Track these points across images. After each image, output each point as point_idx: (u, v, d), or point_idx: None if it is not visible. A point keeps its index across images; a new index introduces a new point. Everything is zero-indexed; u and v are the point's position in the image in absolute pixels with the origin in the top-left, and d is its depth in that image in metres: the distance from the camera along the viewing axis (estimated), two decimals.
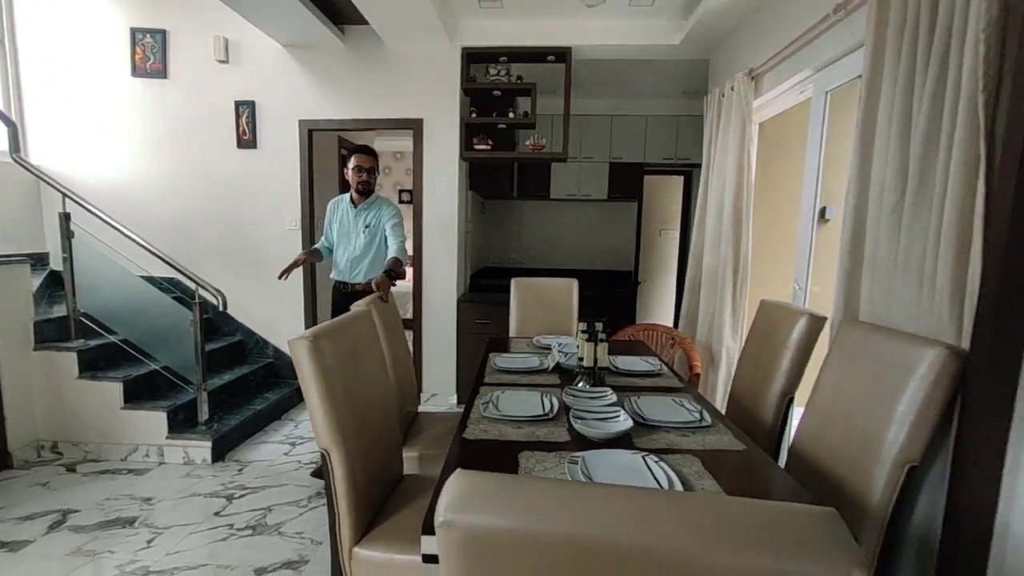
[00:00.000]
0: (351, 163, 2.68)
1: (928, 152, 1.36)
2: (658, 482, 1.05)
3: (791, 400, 1.88)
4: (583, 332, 1.70)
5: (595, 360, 1.62)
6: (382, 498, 1.54)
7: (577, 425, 1.31)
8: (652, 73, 4.35)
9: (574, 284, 3.05)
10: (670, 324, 6.77)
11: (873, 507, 1.32)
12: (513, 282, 3.07)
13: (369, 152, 2.73)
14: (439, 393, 3.72)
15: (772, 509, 0.48)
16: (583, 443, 1.29)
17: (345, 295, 2.71)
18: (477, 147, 3.57)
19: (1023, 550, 1.16)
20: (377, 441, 1.50)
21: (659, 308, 6.79)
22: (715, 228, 3.07)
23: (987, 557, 1.24)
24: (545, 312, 3.01)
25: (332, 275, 2.84)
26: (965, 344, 1.25)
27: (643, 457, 1.15)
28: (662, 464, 1.12)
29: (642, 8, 3.11)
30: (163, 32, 3.52)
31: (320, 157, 3.82)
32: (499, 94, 3.57)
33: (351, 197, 2.73)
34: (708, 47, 3.37)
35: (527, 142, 3.59)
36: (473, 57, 3.48)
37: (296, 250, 3.63)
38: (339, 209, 2.78)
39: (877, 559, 1.32)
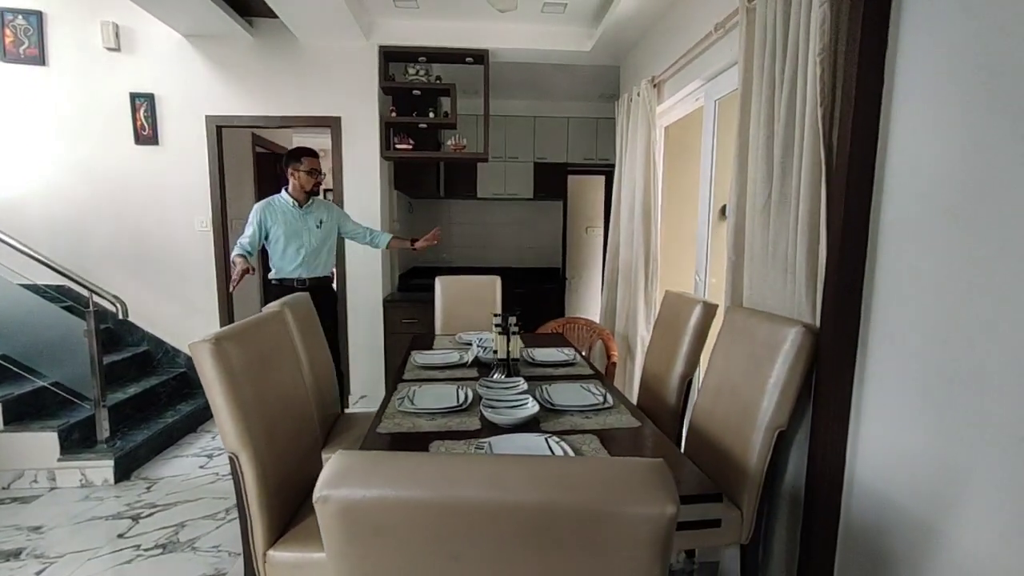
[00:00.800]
0: (304, 165, 2.76)
1: (786, 157, 1.56)
2: None
3: (690, 382, 2.07)
4: (497, 326, 1.77)
5: (507, 352, 1.70)
6: (298, 500, 1.53)
7: (487, 413, 1.38)
8: (570, 77, 4.53)
9: (497, 281, 3.13)
10: (597, 318, 7.12)
11: (752, 468, 1.50)
12: (437, 280, 3.10)
13: (316, 155, 2.84)
14: (368, 395, 3.67)
15: (608, 463, 0.57)
16: (494, 430, 1.36)
17: (302, 290, 2.61)
18: (398, 146, 3.56)
19: (866, 493, 1.38)
20: (291, 443, 1.49)
21: (587, 302, 7.07)
22: (628, 226, 3.28)
23: (839, 502, 1.45)
24: (469, 309, 3.07)
25: (274, 275, 2.83)
26: (819, 323, 1.46)
27: (546, 439, 1.24)
28: (562, 444, 1.22)
29: (555, 15, 3.25)
30: (38, 14, 3.18)
31: (232, 155, 3.63)
32: (419, 94, 3.57)
33: (291, 198, 2.80)
34: (617, 54, 3.57)
35: (448, 142, 3.62)
36: (391, 56, 3.46)
37: (208, 251, 3.45)
38: (278, 210, 2.79)
39: (756, 512, 1.51)
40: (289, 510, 1.46)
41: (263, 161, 4.35)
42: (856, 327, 1.39)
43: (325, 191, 8.01)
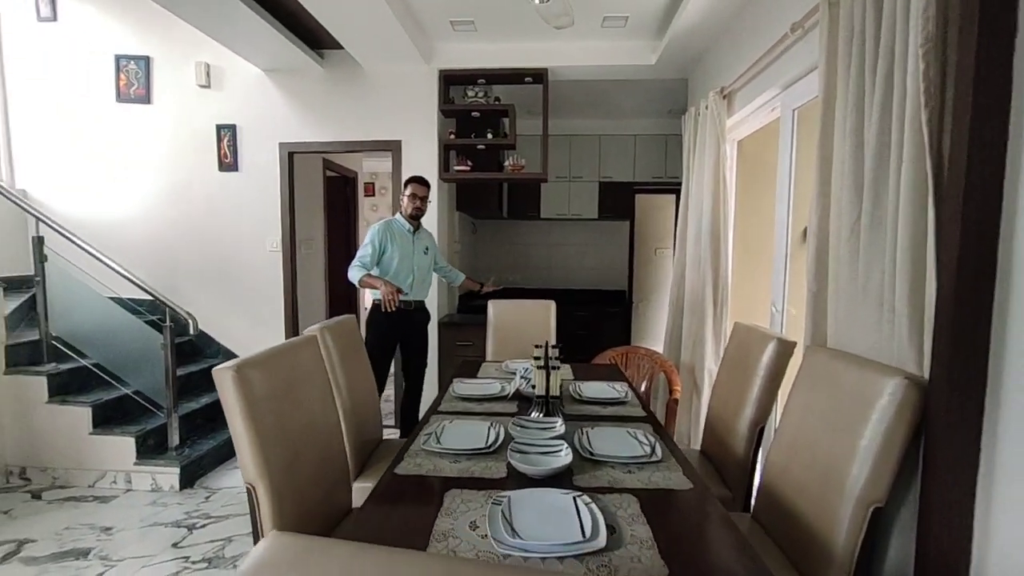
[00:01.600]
0: (408, 190, 2.88)
1: (880, 171, 1.31)
2: (582, 527, 0.98)
3: (762, 429, 1.80)
4: (536, 358, 1.64)
5: (547, 389, 1.56)
6: (322, 534, 1.47)
7: (514, 460, 1.24)
8: (635, 93, 4.35)
9: (551, 306, 2.99)
10: (662, 347, 6.69)
11: (839, 549, 1.23)
12: (490, 305, 3.02)
13: (424, 182, 2.92)
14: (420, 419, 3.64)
15: None
16: (520, 480, 1.22)
17: (403, 313, 2.80)
18: (457, 168, 3.56)
19: None
20: (316, 474, 1.44)
21: (655, 328, 6.67)
22: (695, 248, 3.01)
23: None
24: (521, 335, 2.95)
25: (376, 294, 2.71)
26: (927, 373, 1.18)
27: (575, 498, 1.08)
28: (592, 506, 1.05)
29: (616, 29, 3.12)
30: (147, 59, 3.58)
31: (303, 179, 3.83)
32: (478, 115, 3.57)
33: (406, 221, 2.89)
34: (684, 66, 3.36)
35: (507, 162, 3.57)
36: (451, 79, 3.50)
37: (277, 271, 3.63)
38: (396, 232, 2.86)
39: None
40: None
41: (333, 185, 4.57)
42: (981, 380, 1.10)
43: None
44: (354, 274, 2.69)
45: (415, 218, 2.91)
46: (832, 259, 1.55)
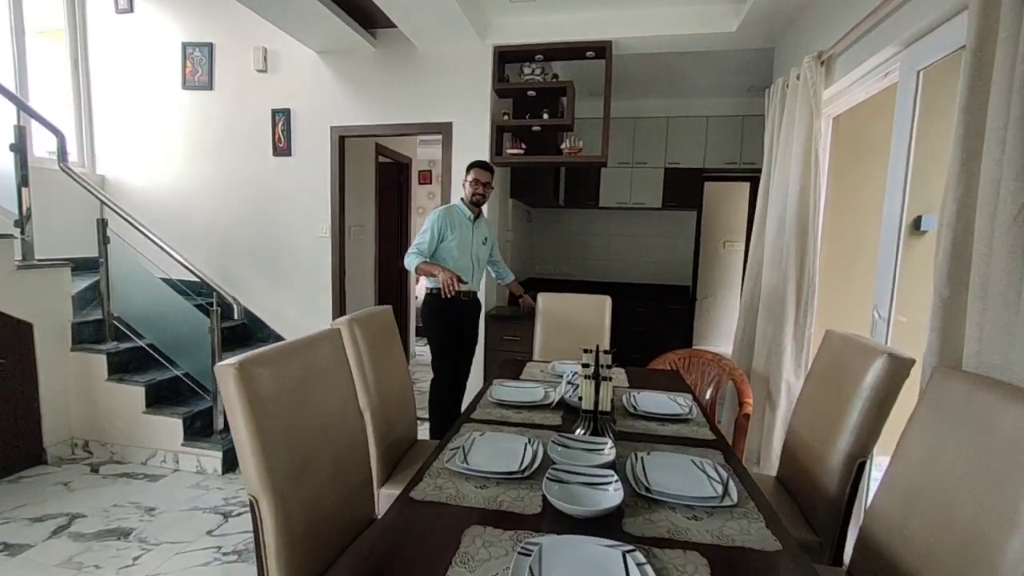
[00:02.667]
0: (469, 176, 2.75)
1: None
2: None
3: (862, 465, 1.46)
4: (584, 366, 1.40)
5: (595, 404, 1.31)
6: (338, 544, 1.33)
7: (551, 495, 1.02)
8: (711, 67, 3.93)
9: (606, 302, 2.72)
10: (729, 350, 6.15)
11: None
12: (539, 297, 2.79)
13: (486, 167, 2.78)
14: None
15: None
16: (558, 519, 1.00)
17: (459, 302, 2.73)
18: (509, 151, 3.35)
19: None
20: (329, 482, 1.29)
21: (720, 328, 6.19)
22: (776, 240, 2.62)
23: None
24: (572, 332, 2.70)
25: (431, 282, 2.73)
26: None
27: (624, 554, 0.84)
28: (647, 569, 0.81)
29: None
30: (210, 45, 3.62)
31: (355, 165, 3.76)
32: (534, 94, 3.32)
33: (466, 207, 2.77)
34: (771, 33, 2.93)
35: (563, 145, 3.31)
36: (506, 56, 3.27)
37: (326, 257, 3.59)
38: (457, 219, 2.74)
39: None
40: (318, 559, 1.25)
41: (385, 171, 4.50)
42: None
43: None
44: (410, 261, 2.65)
45: (476, 204, 2.77)
46: (978, 257, 1.19)
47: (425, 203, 6.68)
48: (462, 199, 2.81)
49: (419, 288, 6.70)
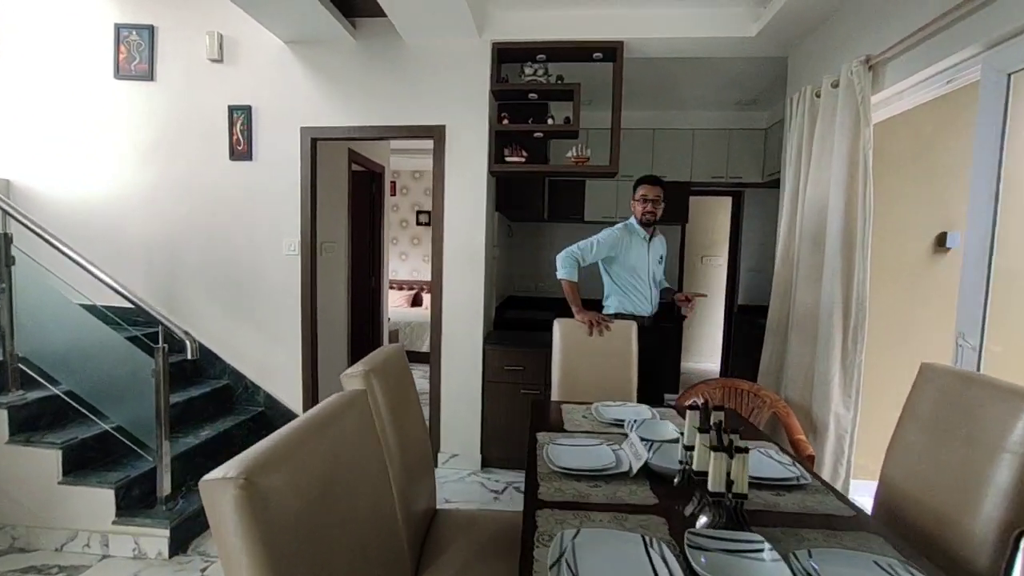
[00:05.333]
0: (638, 193, 2.66)
1: None
2: None
3: (1021, 536, 1.20)
4: (700, 431, 1.06)
5: (727, 485, 0.98)
6: None
7: None
8: (707, 78, 3.79)
9: (632, 327, 2.41)
10: (716, 367, 6.03)
11: None
12: (556, 324, 2.45)
13: (655, 182, 2.67)
14: (460, 453, 3.07)
15: None
16: None
17: (648, 328, 2.62)
18: (509, 159, 3.01)
19: None
20: None
21: (704, 343, 6.09)
22: (811, 258, 2.43)
23: None
24: (597, 364, 2.37)
25: (613, 308, 2.70)
26: None
27: None
28: None
29: None
30: (151, 28, 3.06)
31: (326, 173, 3.29)
32: (535, 97, 3.02)
33: (641, 228, 2.66)
34: (788, 41, 2.78)
35: (568, 154, 3.01)
36: (505, 55, 2.95)
37: (294, 278, 3.08)
38: (635, 240, 2.65)
39: None
40: None
41: (359, 180, 4.04)
42: None
43: (419, 212, 7.74)
44: (565, 264, 2.63)
45: (647, 225, 2.64)
46: None
47: (390, 216, 6.22)
48: (633, 218, 2.67)
49: (395, 311, 6.19)
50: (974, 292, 1.69)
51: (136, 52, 3.10)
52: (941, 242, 2.73)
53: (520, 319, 4.37)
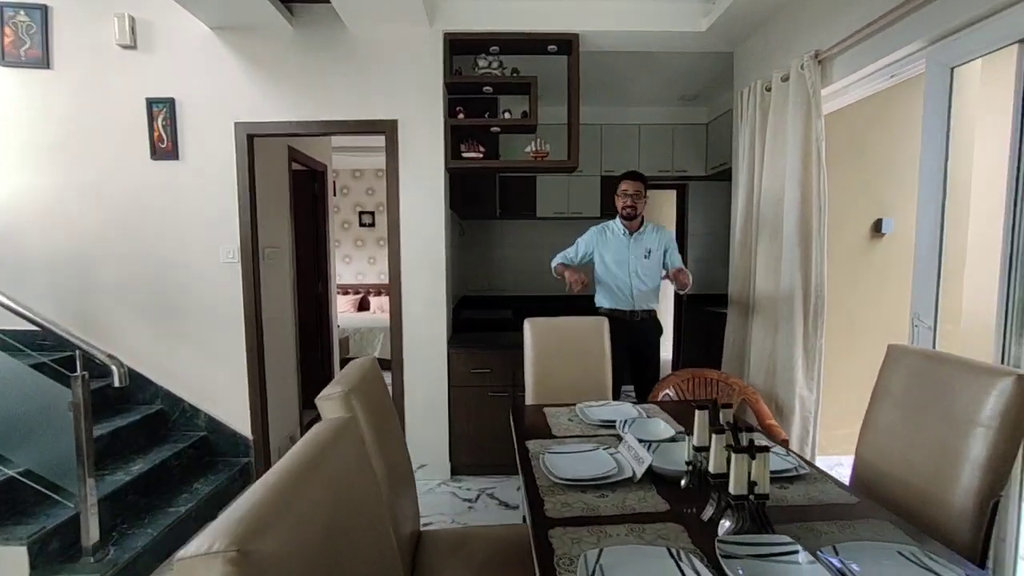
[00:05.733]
0: (619, 188, 2.70)
1: None
2: None
3: (997, 505, 1.27)
4: (716, 432, 1.02)
5: (748, 485, 0.94)
6: None
7: None
8: (653, 73, 3.86)
9: (603, 324, 2.38)
10: (668, 355, 6.21)
11: None
12: (528, 325, 2.37)
13: (634, 176, 2.72)
14: (428, 463, 2.93)
15: None
16: None
17: (629, 324, 2.66)
18: (466, 155, 2.89)
19: None
20: None
21: None
22: (769, 247, 2.51)
23: None
24: (570, 362, 2.32)
25: (598, 303, 2.80)
26: None
27: None
28: None
29: None
30: (43, 8, 2.66)
31: (265, 171, 3.02)
32: (490, 91, 2.92)
33: (621, 224, 2.73)
34: (736, 36, 2.86)
35: (527, 149, 2.94)
36: (458, 46, 2.83)
37: (235, 287, 2.81)
38: (611, 236, 2.75)
39: None
40: None
41: (300, 180, 3.76)
42: None
43: (361, 213, 7.39)
44: (553, 261, 2.85)
45: (627, 218, 2.67)
46: None
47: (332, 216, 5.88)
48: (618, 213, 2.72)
49: (343, 317, 5.84)
50: (927, 276, 1.79)
51: (26, 35, 2.68)
52: (877, 228, 2.93)
53: (476, 319, 4.27)
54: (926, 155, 1.79)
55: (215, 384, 2.86)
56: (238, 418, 2.88)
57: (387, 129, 2.76)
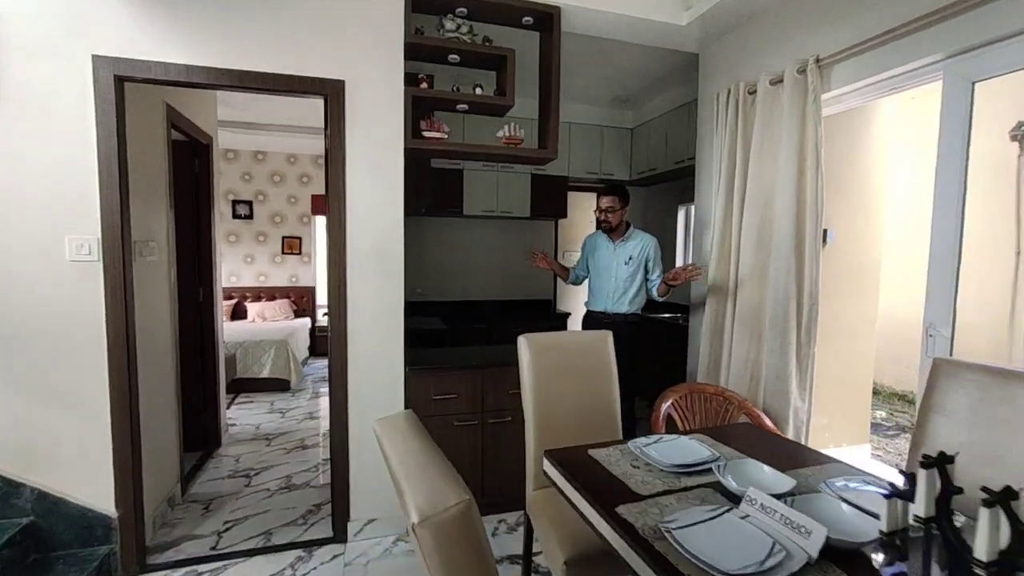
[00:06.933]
0: (596, 202, 2.91)
1: None
2: None
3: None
4: (988, 504, 0.77)
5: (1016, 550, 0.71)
6: None
7: None
8: (601, 68, 3.75)
9: (607, 340, 2.08)
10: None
11: None
12: (523, 342, 1.96)
13: (607, 192, 2.87)
14: (379, 517, 2.35)
15: None
16: None
17: (607, 326, 2.64)
18: (427, 134, 2.38)
19: None
20: None
21: None
22: (755, 255, 2.45)
23: None
24: (575, 384, 1.98)
25: (589, 305, 3.03)
26: None
27: None
28: None
29: None
30: None
31: (134, 135, 2.14)
32: (457, 60, 2.44)
33: (604, 233, 2.94)
34: (710, 35, 2.78)
35: (499, 133, 2.53)
36: (420, 3, 2.30)
37: (92, 297, 1.93)
38: (598, 243, 2.97)
39: None
40: None
41: (180, 153, 2.84)
42: None
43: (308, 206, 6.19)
44: (570, 280, 3.17)
45: (605, 231, 2.92)
46: None
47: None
48: None
49: (227, 329, 4.70)
50: (944, 287, 1.81)
51: None
52: (824, 238, 3.09)
53: (423, 332, 3.75)
54: (943, 168, 1.81)
55: (50, 441, 1.94)
56: (90, 488, 1.99)
57: (330, 92, 2.13)
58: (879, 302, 3.22)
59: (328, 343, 2.29)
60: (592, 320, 2.97)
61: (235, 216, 6.03)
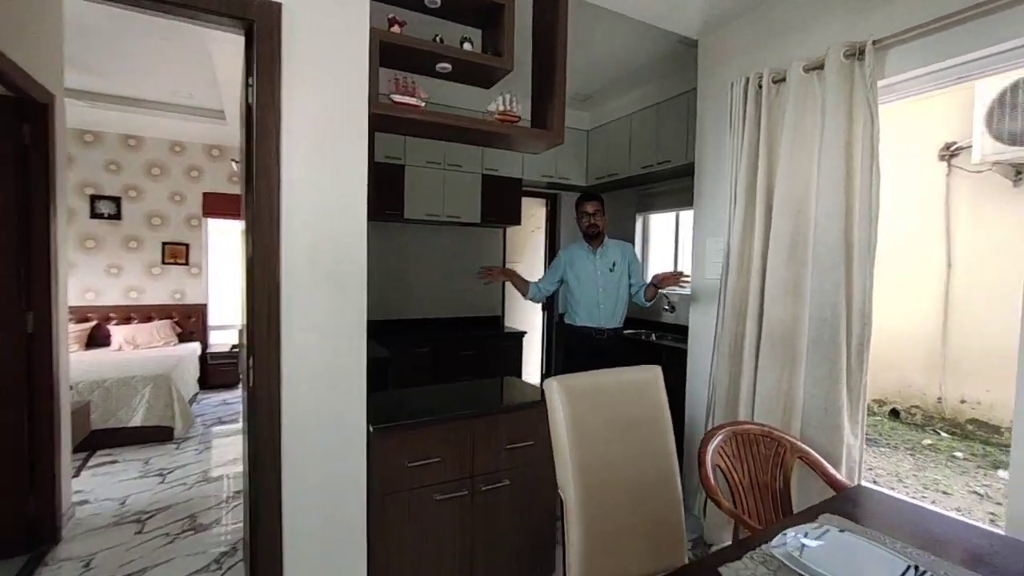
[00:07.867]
0: (579, 209, 2.82)
1: None
2: None
3: None
4: None
5: None
6: None
7: None
8: (575, 54, 3.27)
9: (658, 378, 1.57)
10: (536, 383, 5.44)
11: None
12: (555, 387, 1.38)
13: (591, 198, 2.82)
14: None
15: None
16: None
17: (596, 341, 2.74)
18: (397, 98, 1.73)
19: None
20: None
21: (527, 366, 5.61)
22: (787, 268, 2.10)
23: None
24: (625, 443, 1.44)
25: (569, 320, 2.87)
26: None
27: None
28: None
29: None
30: None
31: None
32: (437, 5, 1.82)
33: (586, 243, 2.83)
34: (719, 18, 2.45)
35: (491, 107, 1.95)
36: None
37: None
38: (576, 254, 2.84)
39: None
40: None
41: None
42: None
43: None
44: (531, 294, 2.88)
45: (593, 237, 2.81)
46: None
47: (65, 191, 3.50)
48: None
49: (78, 362, 3.42)
50: None
51: None
52: None
53: (420, 369, 3.04)
54: None
55: None
56: None
57: (257, 18, 1.40)
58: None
59: (244, 400, 1.52)
60: (580, 336, 2.80)
61: (95, 215, 4.70)
